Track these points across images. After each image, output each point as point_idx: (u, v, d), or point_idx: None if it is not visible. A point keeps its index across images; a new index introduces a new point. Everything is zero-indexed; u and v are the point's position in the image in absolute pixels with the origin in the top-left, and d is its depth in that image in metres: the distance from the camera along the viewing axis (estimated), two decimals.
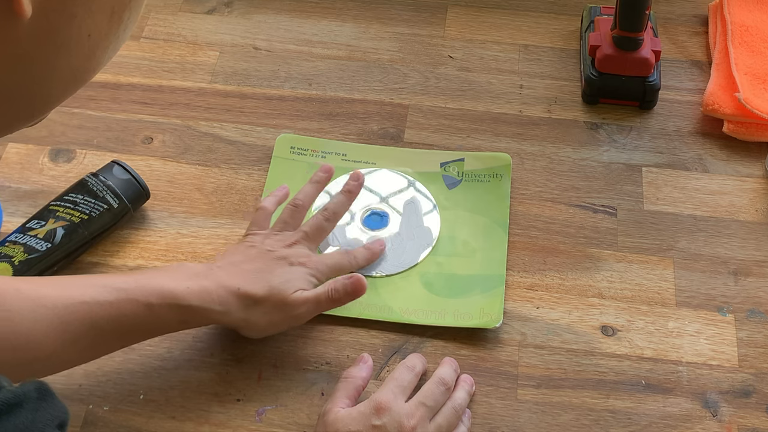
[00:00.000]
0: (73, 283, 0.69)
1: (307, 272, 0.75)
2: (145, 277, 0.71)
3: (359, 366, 0.73)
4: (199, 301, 0.70)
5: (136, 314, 0.68)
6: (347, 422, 0.66)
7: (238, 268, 0.73)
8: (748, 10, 1.00)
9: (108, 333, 0.69)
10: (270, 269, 0.74)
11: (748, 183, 0.89)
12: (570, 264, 0.83)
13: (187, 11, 1.05)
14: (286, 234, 0.78)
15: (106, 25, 0.41)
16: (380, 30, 1.03)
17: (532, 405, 0.74)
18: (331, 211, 0.80)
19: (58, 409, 0.46)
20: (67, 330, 0.66)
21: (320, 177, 0.82)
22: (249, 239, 0.77)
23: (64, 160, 0.90)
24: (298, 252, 0.76)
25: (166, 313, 0.69)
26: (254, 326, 0.74)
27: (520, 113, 0.95)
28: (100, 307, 0.67)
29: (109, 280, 0.70)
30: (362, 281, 0.73)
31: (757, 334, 0.78)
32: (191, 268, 0.73)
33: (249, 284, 0.72)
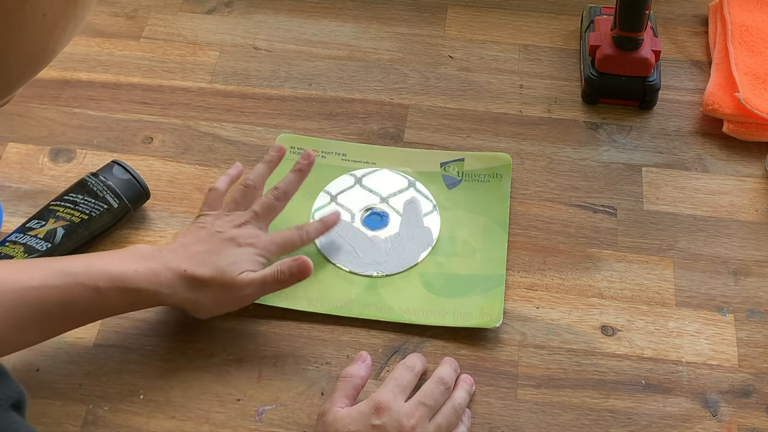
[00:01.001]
0: (23, 267, 0.70)
1: (254, 252, 0.76)
2: (93, 260, 0.71)
3: (358, 365, 0.73)
4: (147, 284, 0.71)
5: (84, 298, 0.69)
6: (347, 422, 0.66)
7: (186, 250, 0.74)
8: (748, 10, 1.00)
9: (56, 316, 0.70)
10: (217, 251, 0.75)
11: (748, 183, 0.89)
12: (570, 264, 0.83)
13: (187, 11, 1.05)
14: (237, 214, 0.79)
15: (62, 4, 0.40)
16: (380, 30, 1.03)
17: (532, 405, 0.74)
18: (281, 191, 0.81)
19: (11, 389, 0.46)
20: (16, 315, 0.67)
21: (272, 156, 0.83)
22: (200, 220, 0.78)
23: (64, 160, 0.90)
24: (247, 232, 0.77)
25: (114, 296, 0.70)
26: (201, 307, 0.75)
27: (520, 113, 0.95)
28: (48, 292, 0.68)
29: (58, 264, 0.70)
30: (307, 263, 0.74)
31: (757, 334, 0.78)
32: (141, 250, 0.74)
33: (195, 266, 0.73)
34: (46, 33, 0.41)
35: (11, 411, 0.45)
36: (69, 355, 0.76)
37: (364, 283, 0.81)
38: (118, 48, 1.01)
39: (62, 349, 0.77)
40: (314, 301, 0.79)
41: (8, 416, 0.44)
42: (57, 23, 0.41)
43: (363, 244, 0.83)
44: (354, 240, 0.84)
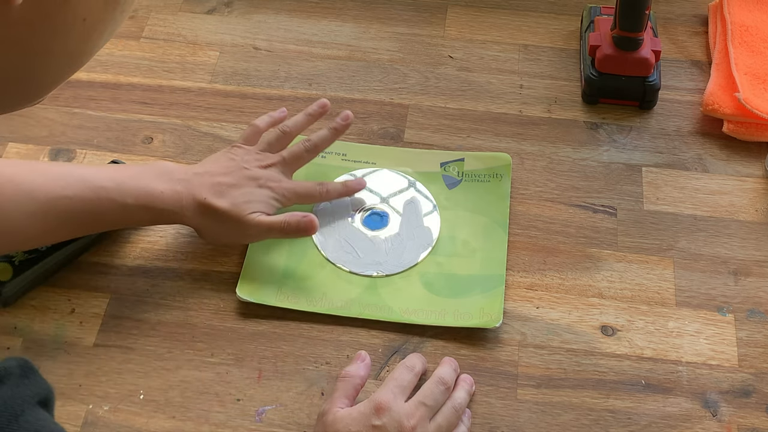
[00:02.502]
0: (56, 175, 0.75)
1: (271, 196, 0.80)
2: (125, 176, 0.77)
3: (357, 364, 0.73)
4: (171, 205, 0.77)
5: (112, 211, 0.75)
6: (347, 422, 0.66)
7: (211, 179, 0.79)
8: (748, 10, 1.00)
9: (84, 224, 0.76)
10: (239, 185, 0.79)
11: (748, 183, 0.89)
12: (570, 264, 0.83)
13: (187, 11, 1.05)
14: (266, 155, 0.83)
15: (102, 8, 0.41)
16: (380, 30, 1.03)
17: (532, 405, 0.74)
18: (312, 143, 0.84)
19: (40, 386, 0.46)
20: (47, 220, 0.74)
21: (314, 110, 0.86)
22: (233, 151, 0.82)
23: (64, 160, 0.90)
24: (270, 175, 0.81)
25: (139, 213, 0.76)
26: (210, 233, 0.80)
27: (520, 113, 0.95)
28: (80, 203, 0.74)
29: (90, 177, 0.75)
30: (314, 222, 0.78)
31: (757, 334, 0.78)
32: (169, 169, 0.79)
33: (214, 196, 0.77)
34: (85, 36, 0.42)
35: (39, 408, 0.45)
36: (69, 355, 0.76)
37: (364, 283, 0.81)
38: (118, 48, 1.01)
39: (62, 349, 0.77)
40: (314, 301, 0.79)
41: (36, 413, 0.45)
42: (96, 27, 0.42)
43: (363, 244, 0.83)
44: (354, 240, 0.84)
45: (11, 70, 0.40)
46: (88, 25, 0.41)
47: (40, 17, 0.38)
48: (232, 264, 0.82)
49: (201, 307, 0.80)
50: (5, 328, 0.78)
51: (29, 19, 0.38)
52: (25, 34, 0.39)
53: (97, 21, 0.41)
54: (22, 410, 0.44)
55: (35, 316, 0.79)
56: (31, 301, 0.79)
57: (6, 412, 0.43)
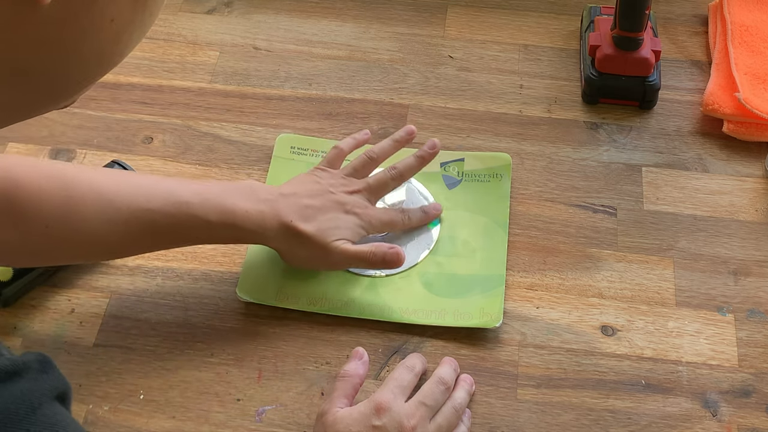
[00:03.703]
0: (141, 187, 0.74)
1: (358, 223, 0.79)
2: (210, 192, 0.75)
3: (355, 363, 0.73)
4: (254, 226, 0.75)
5: (194, 227, 0.74)
6: (347, 423, 0.66)
7: (297, 201, 0.77)
8: (748, 10, 1.00)
9: (165, 238, 0.75)
10: (325, 210, 0.78)
11: (748, 183, 0.89)
12: (570, 264, 0.83)
13: (187, 11, 1.05)
14: (352, 180, 0.81)
15: (130, 9, 0.41)
16: (380, 30, 1.03)
17: (532, 405, 0.74)
18: (398, 171, 0.83)
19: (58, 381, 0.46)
20: (129, 232, 0.72)
21: (401, 137, 0.85)
22: (317, 174, 0.81)
23: (64, 160, 0.90)
24: (356, 201, 0.80)
25: (221, 230, 0.75)
26: (294, 258, 0.79)
27: (520, 113, 0.95)
28: (162, 217, 0.73)
29: (175, 190, 0.74)
30: (401, 254, 0.77)
31: (757, 334, 0.78)
32: (257, 190, 0.77)
33: (300, 220, 0.76)
34: (114, 38, 0.42)
35: (56, 403, 0.45)
36: (69, 355, 0.76)
37: (364, 283, 0.81)
38: None
39: (62, 349, 0.77)
40: (314, 301, 0.79)
41: (53, 407, 0.45)
42: (125, 29, 0.42)
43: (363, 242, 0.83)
44: None
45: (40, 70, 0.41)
46: (116, 26, 0.41)
47: (68, 17, 0.39)
48: (232, 264, 0.82)
49: (201, 307, 0.80)
50: (5, 328, 0.78)
51: (58, 19, 0.38)
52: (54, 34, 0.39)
53: (125, 22, 0.42)
54: (39, 403, 0.44)
55: (35, 316, 0.79)
56: (31, 301, 0.79)
57: (24, 405, 0.43)
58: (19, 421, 0.43)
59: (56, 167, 0.73)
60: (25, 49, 0.39)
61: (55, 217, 0.70)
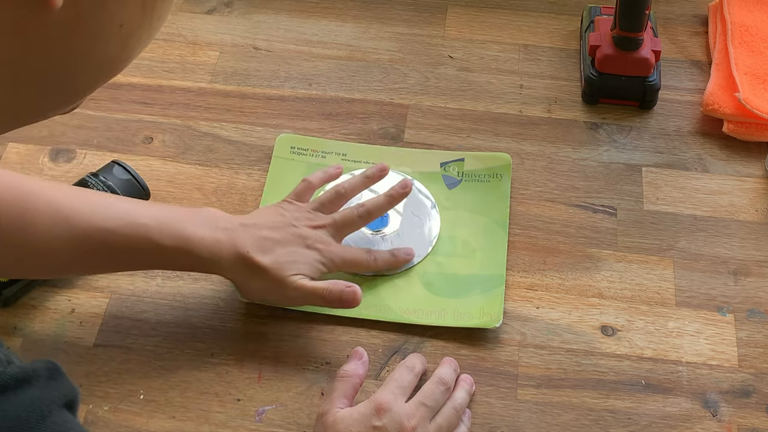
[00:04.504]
0: (101, 204, 0.73)
1: (318, 259, 0.76)
2: (168, 216, 0.74)
3: (355, 363, 0.73)
4: (209, 254, 0.73)
5: (148, 250, 0.72)
6: (348, 423, 0.66)
7: (256, 232, 0.75)
8: (748, 10, 1.00)
9: (119, 260, 0.74)
10: (284, 243, 0.75)
11: (748, 183, 0.89)
12: (570, 264, 0.83)
13: (187, 11, 1.05)
14: (318, 215, 0.79)
15: (139, 15, 0.41)
16: (380, 30, 1.03)
17: (532, 405, 0.74)
18: (365, 210, 0.80)
19: (67, 388, 0.47)
20: (82, 249, 0.71)
21: (372, 173, 0.83)
22: (283, 206, 0.79)
23: (64, 160, 0.90)
24: (319, 236, 0.77)
25: (176, 256, 0.73)
26: (248, 290, 0.77)
27: (520, 113, 0.95)
28: (116, 237, 0.71)
29: (134, 211, 0.73)
30: (357, 294, 0.74)
31: (757, 334, 0.78)
32: (214, 217, 0.75)
33: (257, 251, 0.74)
34: (123, 43, 0.42)
35: (65, 410, 0.46)
36: (69, 355, 0.76)
37: (364, 283, 0.81)
38: None
39: (62, 349, 0.77)
40: None
41: (63, 415, 0.45)
42: (133, 34, 0.42)
43: (363, 244, 0.83)
44: (354, 240, 0.84)
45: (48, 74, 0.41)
46: (125, 31, 0.41)
47: (78, 21, 0.39)
48: None
49: (201, 307, 0.80)
50: (5, 328, 0.78)
51: (68, 22, 0.38)
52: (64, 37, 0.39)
53: (134, 27, 0.42)
54: (49, 411, 0.44)
55: (35, 316, 0.79)
56: (31, 301, 0.79)
57: (34, 413, 0.43)
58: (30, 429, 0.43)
59: (15, 178, 0.72)
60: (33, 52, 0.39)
61: (9, 227, 0.69)
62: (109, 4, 0.40)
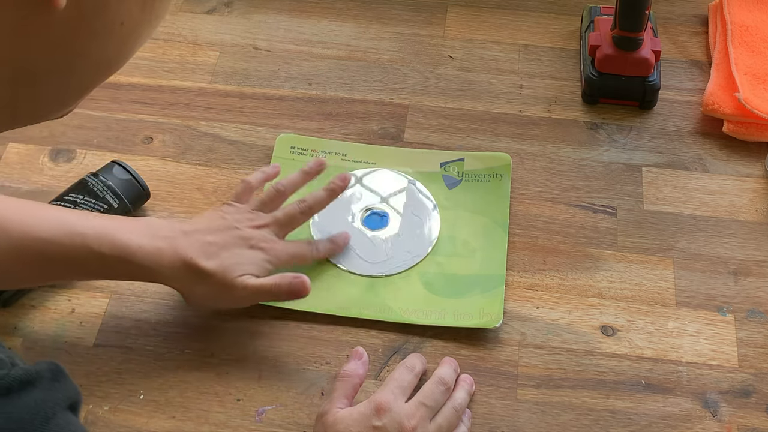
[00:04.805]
0: (36, 214, 0.72)
1: (263, 258, 0.76)
2: (106, 225, 0.73)
3: (355, 363, 0.73)
4: (149, 262, 0.72)
5: (87, 259, 0.71)
6: (348, 423, 0.66)
7: (199, 238, 0.74)
8: (748, 10, 1.00)
9: (57, 269, 0.72)
10: (228, 246, 0.75)
11: (748, 183, 0.89)
12: (570, 264, 0.83)
13: (187, 11, 1.05)
14: (259, 215, 0.79)
15: (139, 13, 0.42)
16: (380, 30, 1.03)
17: (532, 405, 0.74)
18: (307, 205, 0.80)
19: (70, 390, 0.47)
20: (21, 260, 0.70)
21: (310, 168, 0.83)
22: (224, 209, 0.78)
23: (64, 160, 0.90)
24: (262, 236, 0.77)
25: (115, 265, 0.72)
26: (194, 297, 0.75)
27: (520, 113, 0.95)
28: (53, 246, 0.70)
29: (69, 220, 0.72)
30: (306, 283, 0.74)
31: (757, 334, 0.78)
32: (154, 226, 0.74)
33: (201, 257, 0.73)
34: (123, 41, 0.42)
35: (69, 412, 0.46)
36: (69, 355, 0.76)
37: (364, 283, 0.81)
38: None
39: (62, 349, 0.77)
40: (314, 301, 0.79)
41: (66, 416, 0.45)
42: (133, 32, 0.42)
43: (363, 244, 0.83)
44: (354, 240, 0.84)
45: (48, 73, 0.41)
46: (125, 29, 0.41)
47: (80, 20, 0.39)
48: None
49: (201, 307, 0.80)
50: (5, 328, 0.78)
51: (70, 22, 0.38)
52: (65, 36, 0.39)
53: (134, 26, 0.42)
54: (53, 413, 0.44)
55: (35, 316, 0.79)
56: (31, 301, 0.79)
57: (38, 415, 0.43)
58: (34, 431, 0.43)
59: None
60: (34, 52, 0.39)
61: None
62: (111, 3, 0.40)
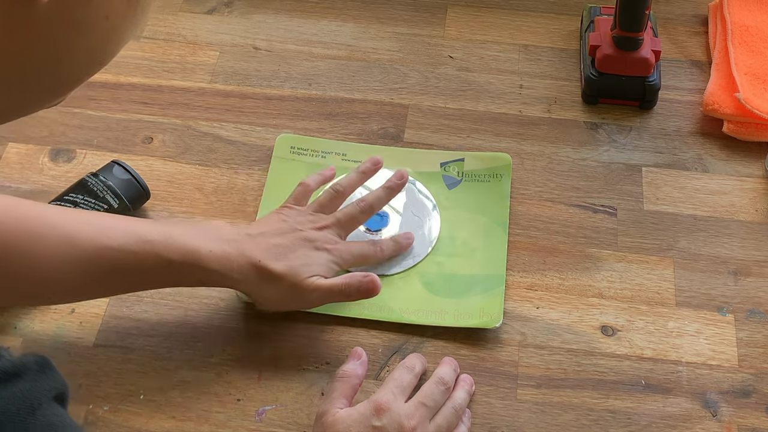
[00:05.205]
0: (103, 224, 0.72)
1: (329, 259, 0.76)
2: (174, 231, 0.72)
3: (354, 363, 0.73)
4: (219, 266, 0.72)
5: (157, 267, 0.71)
6: (348, 423, 0.66)
7: (265, 240, 0.75)
8: (748, 10, 1.00)
9: (129, 279, 0.72)
10: (294, 248, 0.75)
11: (748, 183, 0.89)
12: (570, 264, 0.83)
13: (187, 11, 1.05)
14: (320, 216, 0.79)
15: (124, 7, 0.42)
16: (380, 30, 1.03)
17: (532, 405, 0.74)
18: (367, 204, 0.80)
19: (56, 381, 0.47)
20: (90, 271, 0.70)
21: (367, 168, 0.83)
22: (284, 212, 0.79)
23: (64, 160, 0.90)
24: (326, 237, 0.77)
25: (185, 271, 0.72)
26: (266, 299, 0.76)
27: (520, 113, 0.95)
28: (124, 255, 0.70)
29: (137, 229, 0.72)
30: (377, 283, 0.74)
31: (757, 334, 0.78)
32: (221, 230, 0.75)
33: (270, 259, 0.73)
34: (108, 35, 0.42)
35: (55, 403, 0.46)
36: (69, 355, 0.76)
37: None
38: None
39: (62, 349, 0.77)
40: None
41: (52, 408, 0.46)
42: (118, 26, 0.42)
43: None
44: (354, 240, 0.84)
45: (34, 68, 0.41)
46: (110, 23, 0.41)
47: (64, 15, 0.39)
48: None
49: (201, 307, 0.80)
50: (5, 328, 0.78)
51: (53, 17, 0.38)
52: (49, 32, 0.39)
53: (119, 20, 0.42)
54: (39, 404, 0.44)
55: (35, 316, 0.79)
56: None
57: (24, 406, 0.44)
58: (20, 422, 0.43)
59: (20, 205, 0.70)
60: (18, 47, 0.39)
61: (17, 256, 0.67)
62: None
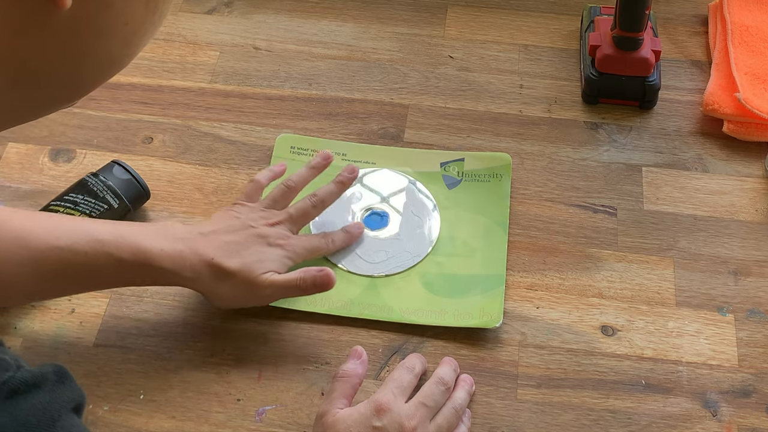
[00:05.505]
0: (52, 223, 0.72)
1: (282, 254, 0.76)
2: (123, 230, 0.72)
3: (354, 362, 0.73)
4: (171, 265, 0.72)
5: (107, 266, 0.71)
6: (348, 424, 0.66)
7: (217, 238, 0.75)
8: (748, 10, 1.00)
9: (81, 278, 0.72)
10: (247, 245, 0.75)
11: (748, 183, 0.89)
12: (570, 264, 0.83)
13: (187, 11, 1.05)
14: (272, 212, 0.79)
15: (143, 12, 0.42)
16: (380, 30, 1.03)
17: (532, 405, 0.74)
18: (318, 199, 0.81)
19: (75, 392, 0.47)
20: (39, 270, 0.69)
21: (317, 162, 0.83)
22: (236, 209, 0.79)
23: (64, 160, 0.90)
24: (278, 232, 0.78)
25: (137, 270, 0.72)
26: (220, 297, 0.76)
27: (520, 113, 0.95)
28: (73, 255, 0.69)
29: (91, 228, 0.71)
30: (331, 276, 0.75)
31: (757, 334, 0.78)
32: (173, 229, 0.75)
33: (223, 257, 0.73)
34: (126, 41, 0.42)
35: (73, 414, 0.46)
36: (69, 355, 0.76)
37: (364, 283, 0.81)
38: None
39: (62, 349, 0.77)
40: (314, 301, 0.79)
41: (71, 419, 0.46)
42: (137, 31, 0.43)
43: (363, 244, 0.83)
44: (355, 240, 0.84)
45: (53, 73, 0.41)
46: (129, 29, 0.42)
47: (85, 21, 0.39)
48: None
49: (201, 307, 0.80)
50: (5, 328, 0.78)
51: (74, 22, 0.39)
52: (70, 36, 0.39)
53: (138, 25, 0.42)
54: (59, 415, 0.45)
55: (35, 316, 0.79)
56: None
57: (44, 417, 0.44)
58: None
59: None
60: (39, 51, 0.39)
61: None
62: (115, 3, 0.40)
